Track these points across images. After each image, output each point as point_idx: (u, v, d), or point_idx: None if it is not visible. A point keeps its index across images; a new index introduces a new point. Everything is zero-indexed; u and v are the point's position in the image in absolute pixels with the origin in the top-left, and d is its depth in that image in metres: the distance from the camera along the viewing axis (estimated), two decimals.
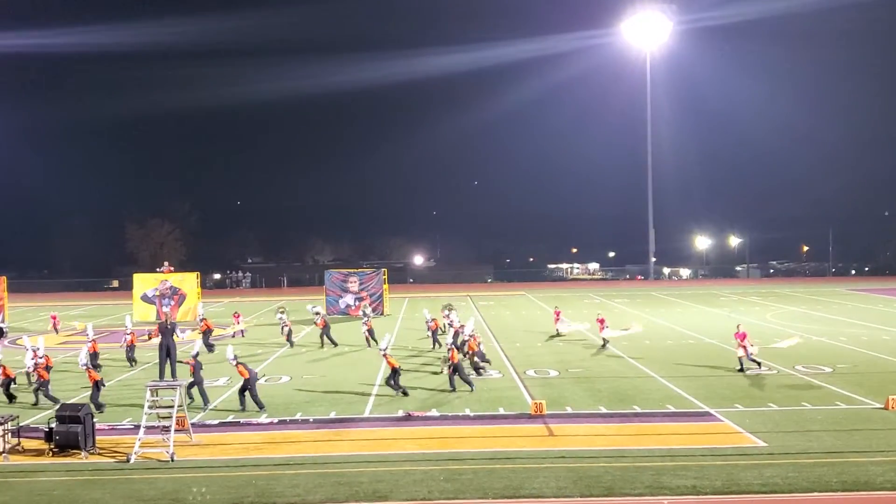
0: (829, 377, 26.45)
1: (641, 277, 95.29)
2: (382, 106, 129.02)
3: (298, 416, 22.04)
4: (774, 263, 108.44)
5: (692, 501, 15.03)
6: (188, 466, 17.55)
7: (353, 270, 52.44)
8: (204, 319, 36.12)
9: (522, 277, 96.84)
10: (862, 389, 24.26)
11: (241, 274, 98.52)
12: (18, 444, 19.02)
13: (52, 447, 18.54)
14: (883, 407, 21.79)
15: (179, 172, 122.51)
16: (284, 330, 35.84)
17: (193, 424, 20.21)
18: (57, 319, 42.34)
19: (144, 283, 48.89)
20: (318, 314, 36.73)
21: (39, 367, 24.09)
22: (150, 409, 19.18)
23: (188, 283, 48.50)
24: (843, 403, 22.52)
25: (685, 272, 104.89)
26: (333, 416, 22.01)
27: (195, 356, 23.30)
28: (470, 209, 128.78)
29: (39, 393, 24.00)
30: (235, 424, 21.28)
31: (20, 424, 20.03)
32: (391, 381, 24.72)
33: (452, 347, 25.47)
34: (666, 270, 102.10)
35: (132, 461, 17.90)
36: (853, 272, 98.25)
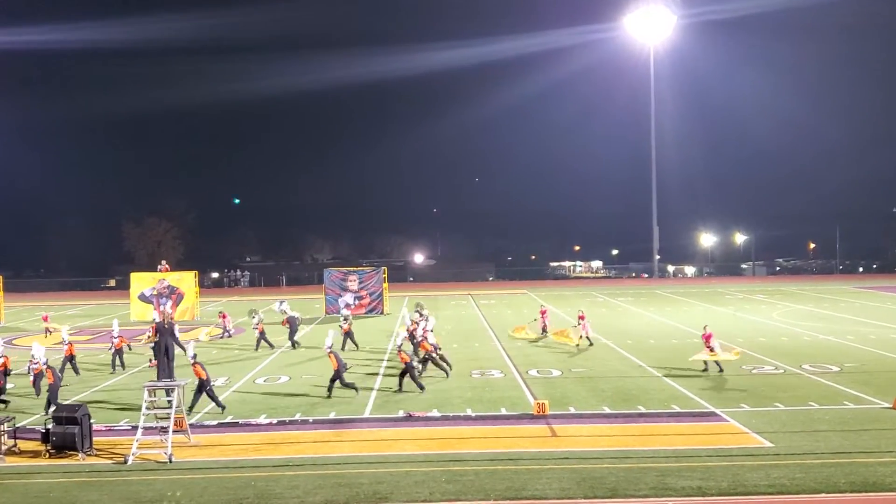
0: (836, 376, 26.21)
1: (645, 275, 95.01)
2: (382, 102, 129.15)
3: (298, 416, 21.83)
4: (781, 261, 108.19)
5: (698, 502, 14.83)
6: (186, 468, 17.37)
7: (352, 269, 52.22)
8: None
9: (524, 276, 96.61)
10: (870, 389, 24.01)
11: (239, 273, 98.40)
12: (14, 445, 18.81)
13: (48, 448, 18.34)
14: (891, 406, 21.58)
15: (177, 170, 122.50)
16: (255, 333, 34.62)
17: (192, 425, 20.01)
18: (48, 320, 41.72)
19: (142, 282, 48.71)
20: (284, 312, 35.70)
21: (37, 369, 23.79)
22: (148, 409, 18.97)
23: (186, 282, 48.33)
24: (850, 403, 22.28)
25: (690, 270, 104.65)
26: (333, 416, 21.81)
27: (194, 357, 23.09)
28: (471, 206, 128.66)
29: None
30: (234, 425, 21.08)
31: (16, 426, 19.83)
32: (334, 380, 24.49)
33: (422, 341, 26.04)
34: (670, 268, 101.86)
35: (130, 462, 17.72)
36: (861, 269, 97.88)
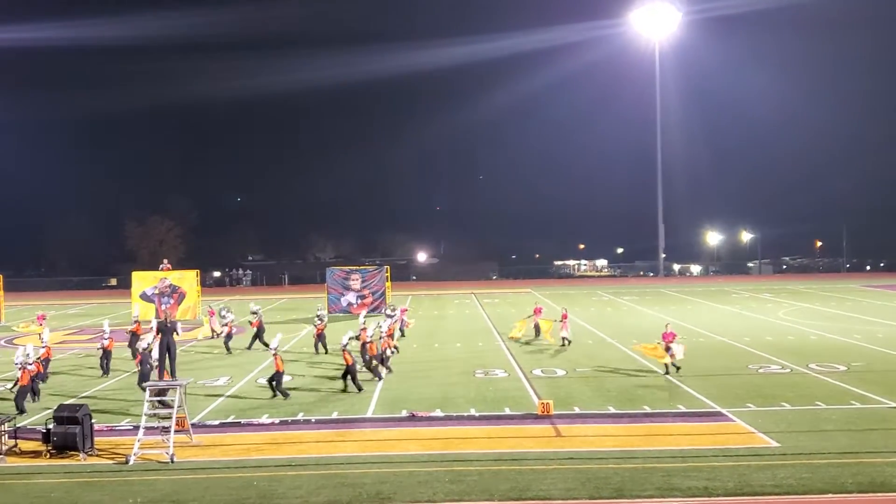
0: (843, 375, 26.03)
1: (651, 274, 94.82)
2: (385, 100, 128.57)
3: (300, 416, 21.71)
4: (787, 259, 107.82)
5: (703, 503, 14.69)
6: (188, 468, 17.26)
7: (355, 268, 52.06)
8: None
9: (528, 274, 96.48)
10: (878, 388, 23.83)
11: (241, 272, 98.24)
12: (15, 445, 18.70)
13: (49, 448, 18.23)
14: None
15: (179, 169, 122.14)
16: (223, 333, 33.80)
17: (193, 425, 19.90)
18: (44, 320, 41.25)
19: (144, 281, 48.62)
20: (254, 314, 34.99)
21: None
22: (149, 409, 18.87)
23: (188, 281, 48.23)
24: (858, 403, 22.12)
25: (696, 269, 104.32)
26: (336, 416, 21.69)
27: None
28: (474, 205, 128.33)
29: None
30: (236, 425, 20.98)
31: (17, 425, 19.73)
32: (272, 381, 24.37)
33: (370, 343, 25.86)
34: (676, 267, 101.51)
35: (131, 463, 17.61)
36: (868, 268, 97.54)
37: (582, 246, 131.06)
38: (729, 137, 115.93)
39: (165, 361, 25.03)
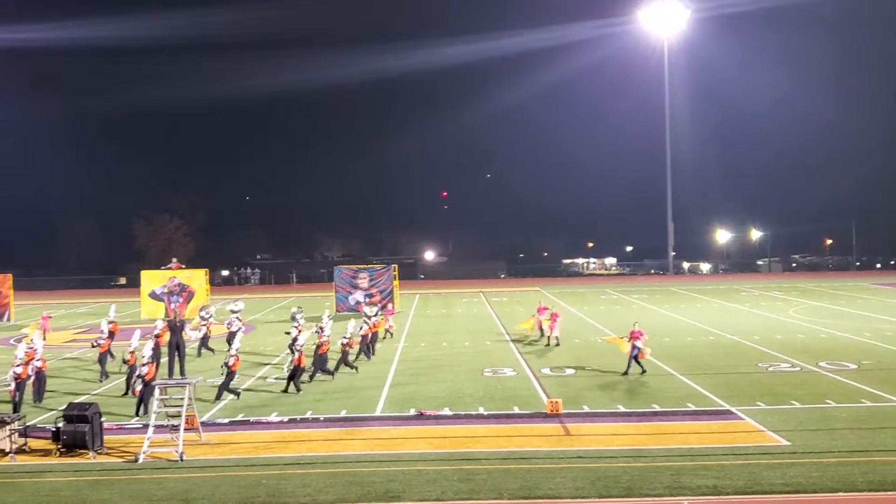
0: (853, 374, 25.92)
1: (660, 272, 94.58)
2: (392, 98, 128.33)
3: (309, 414, 21.73)
4: (797, 257, 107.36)
5: (713, 502, 14.65)
6: (197, 466, 17.30)
7: (363, 266, 52.07)
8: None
9: (537, 273, 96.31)
10: (888, 386, 23.70)
11: (249, 270, 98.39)
12: (25, 444, 18.75)
13: (59, 447, 18.28)
14: None
15: (187, 168, 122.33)
16: (199, 331, 32.57)
17: (203, 423, 19.93)
18: (48, 321, 40.89)
19: (152, 280, 48.78)
20: (232, 312, 34.09)
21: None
22: (159, 408, 18.90)
23: (196, 280, 48.35)
24: (868, 401, 22.02)
25: (705, 267, 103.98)
26: (344, 414, 21.69)
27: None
28: (482, 203, 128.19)
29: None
30: (245, 423, 21.01)
31: (27, 424, 19.77)
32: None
33: (300, 350, 25.33)
34: (685, 265, 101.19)
35: (141, 461, 17.64)
36: (878, 266, 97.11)
37: (591, 244, 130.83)
38: (738, 135, 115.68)
39: (175, 360, 25.00)
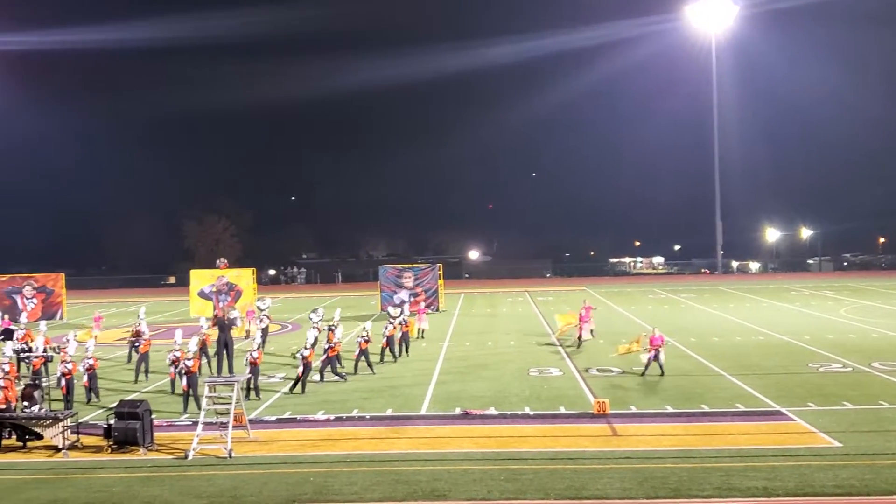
0: None
1: (708, 271, 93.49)
2: (437, 98, 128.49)
3: (355, 412, 21.83)
4: (848, 256, 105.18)
5: (763, 503, 14.41)
6: (246, 463, 17.47)
7: (407, 266, 52.14)
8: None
9: (583, 272, 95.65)
10: None
11: (296, 270, 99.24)
12: (78, 440, 19.10)
13: (110, 444, 18.58)
14: None
15: (235, 169, 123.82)
16: (263, 322, 32.62)
17: (251, 421, 20.13)
18: (100, 322, 41.11)
19: (201, 279, 49.36)
20: (262, 310, 34.09)
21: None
22: (208, 405, 19.14)
23: (244, 279, 48.82)
24: None
25: (754, 266, 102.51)
26: (390, 413, 21.75)
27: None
28: (528, 202, 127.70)
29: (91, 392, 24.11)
30: (292, 421, 21.17)
31: (79, 421, 20.14)
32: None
33: (312, 350, 25.33)
34: (734, 264, 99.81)
35: (190, 458, 17.86)
36: None
37: (638, 243, 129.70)
38: (788, 132, 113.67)
39: (223, 358, 25.32)
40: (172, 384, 24.85)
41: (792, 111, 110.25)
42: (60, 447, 18.54)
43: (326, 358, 26.24)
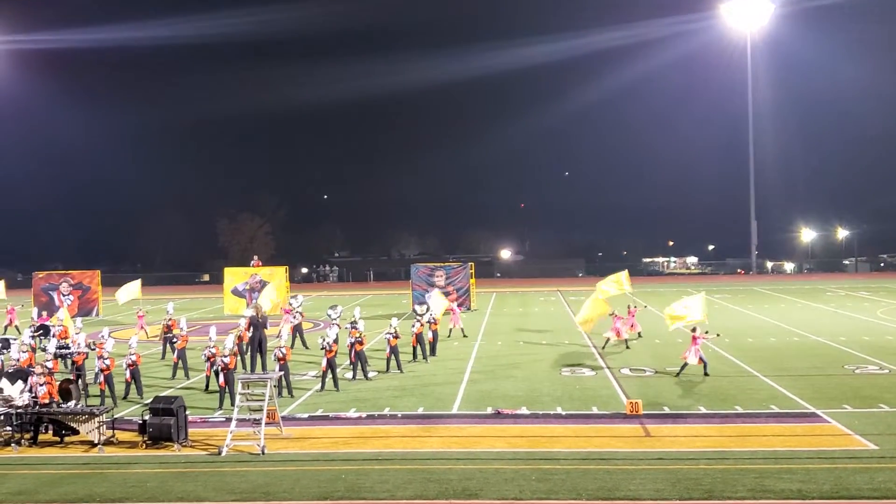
0: None
1: (743, 272, 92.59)
2: (472, 98, 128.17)
3: (387, 410, 21.90)
4: (885, 257, 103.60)
5: None
6: (279, 460, 17.60)
7: (439, 264, 52.17)
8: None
9: (615, 271, 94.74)
10: None
11: (328, 268, 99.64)
12: (113, 436, 19.32)
13: (145, 439, 18.80)
14: None
15: (268, 168, 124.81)
16: (296, 318, 32.57)
17: (283, 418, 20.27)
18: (143, 320, 41.45)
19: (235, 276, 49.84)
20: (294, 308, 34.02)
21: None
22: (241, 402, 19.29)
23: (277, 277, 49.20)
24: None
25: (789, 266, 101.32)
26: (421, 411, 21.80)
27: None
28: (560, 201, 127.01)
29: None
30: (324, 418, 21.28)
31: (115, 416, 20.39)
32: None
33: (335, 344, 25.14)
34: (769, 264, 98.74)
35: (224, 454, 18.01)
36: None
37: (671, 242, 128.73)
38: (823, 130, 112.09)
39: (257, 356, 25.49)
40: (207, 381, 25.10)
41: (828, 110, 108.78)
42: (96, 442, 18.78)
43: (355, 354, 26.29)
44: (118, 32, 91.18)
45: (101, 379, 23.35)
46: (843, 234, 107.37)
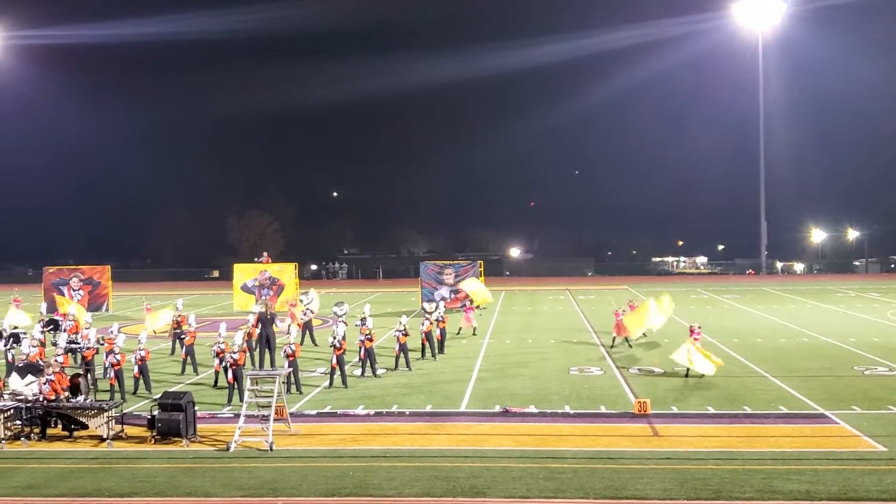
0: None
1: (753, 272, 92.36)
2: (482, 96, 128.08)
3: (395, 408, 21.92)
4: None
5: None
6: (286, 456, 17.62)
7: (448, 262, 52.13)
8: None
9: (625, 271, 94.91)
10: None
11: (337, 265, 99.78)
12: (122, 430, 19.39)
13: (154, 434, 18.85)
14: None
15: (278, 165, 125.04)
16: (306, 316, 32.59)
17: (292, 414, 20.31)
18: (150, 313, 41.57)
19: (244, 273, 49.95)
20: (306, 305, 34.01)
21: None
22: (250, 398, 19.34)
23: (286, 273, 49.35)
24: None
25: (799, 267, 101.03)
26: (429, 409, 21.82)
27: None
28: (569, 200, 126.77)
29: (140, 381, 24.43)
30: (333, 415, 21.31)
31: (123, 411, 20.46)
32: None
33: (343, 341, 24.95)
34: (778, 265, 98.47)
35: (232, 450, 18.05)
36: None
37: (681, 242, 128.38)
38: (834, 131, 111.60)
39: (266, 352, 25.61)
40: (216, 377, 25.16)
41: (838, 110, 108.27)
42: (105, 437, 18.85)
43: (365, 351, 26.30)
44: (129, 28, 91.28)
45: (111, 374, 23.43)
46: (853, 234, 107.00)
